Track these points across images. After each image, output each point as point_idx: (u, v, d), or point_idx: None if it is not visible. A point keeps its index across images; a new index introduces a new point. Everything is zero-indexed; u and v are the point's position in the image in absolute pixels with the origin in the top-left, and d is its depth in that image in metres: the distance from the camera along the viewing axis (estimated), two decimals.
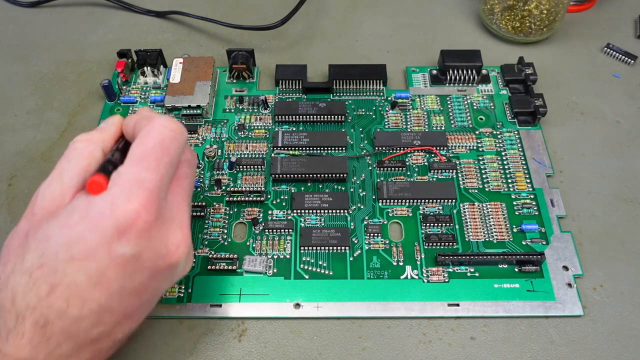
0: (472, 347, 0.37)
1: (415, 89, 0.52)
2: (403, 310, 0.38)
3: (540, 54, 0.55)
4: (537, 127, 0.49)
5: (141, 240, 0.28)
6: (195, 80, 0.49)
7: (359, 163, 0.46)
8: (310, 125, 0.49)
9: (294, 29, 0.58)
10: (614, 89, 0.52)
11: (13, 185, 0.46)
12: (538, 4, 0.52)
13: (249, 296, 0.39)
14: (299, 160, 0.45)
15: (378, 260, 0.41)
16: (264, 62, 0.54)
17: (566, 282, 0.40)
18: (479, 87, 0.52)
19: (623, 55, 0.54)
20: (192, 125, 0.49)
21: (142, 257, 0.29)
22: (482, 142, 0.47)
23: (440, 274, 0.40)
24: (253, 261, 0.40)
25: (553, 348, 0.37)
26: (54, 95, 0.52)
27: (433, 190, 0.43)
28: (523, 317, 0.38)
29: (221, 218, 0.43)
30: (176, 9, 0.59)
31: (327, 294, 0.39)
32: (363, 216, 0.43)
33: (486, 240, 0.42)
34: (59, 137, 0.49)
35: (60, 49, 0.56)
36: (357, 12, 0.60)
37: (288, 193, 0.44)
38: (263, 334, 0.38)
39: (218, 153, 0.47)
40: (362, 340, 0.38)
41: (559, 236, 0.42)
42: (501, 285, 0.40)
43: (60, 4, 0.61)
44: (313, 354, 0.37)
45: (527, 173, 0.45)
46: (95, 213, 0.28)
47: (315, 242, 0.41)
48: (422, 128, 0.49)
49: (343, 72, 0.51)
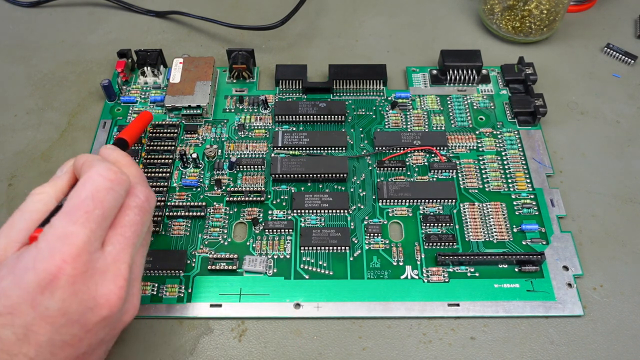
0: (472, 347, 0.37)
1: (415, 89, 0.52)
2: (403, 310, 0.38)
3: (540, 54, 0.55)
4: (537, 127, 0.49)
5: (66, 294, 0.28)
6: (195, 80, 0.49)
7: (359, 163, 0.46)
8: (310, 125, 0.49)
9: (294, 29, 0.58)
10: (614, 89, 0.52)
11: (13, 185, 0.46)
12: (538, 4, 0.52)
13: (249, 296, 0.39)
14: (299, 160, 0.45)
15: (378, 260, 0.41)
16: (264, 62, 0.54)
17: (566, 282, 0.40)
18: (479, 87, 0.52)
19: (623, 55, 0.54)
20: (192, 125, 0.49)
21: (68, 311, 0.28)
22: (482, 142, 0.47)
23: (440, 274, 0.40)
24: (253, 261, 0.40)
25: (553, 348, 0.37)
26: (54, 95, 0.52)
27: (433, 190, 0.43)
28: (523, 317, 0.38)
29: (221, 218, 0.43)
30: (176, 9, 0.59)
31: (327, 294, 0.39)
32: (363, 216, 0.43)
33: (486, 240, 0.42)
34: (59, 137, 0.49)
35: (60, 49, 0.56)
36: (357, 12, 0.60)
37: (288, 193, 0.44)
38: (263, 334, 0.38)
39: (218, 153, 0.47)
40: (362, 340, 0.38)
41: (559, 236, 0.42)
42: (501, 285, 0.40)
43: (60, 4, 0.61)
44: (313, 354, 0.37)
45: (527, 173, 0.45)
46: (20, 267, 0.28)
47: (315, 242, 0.41)
48: (422, 128, 0.49)
49: (343, 72, 0.51)
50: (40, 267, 0.27)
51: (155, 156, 0.46)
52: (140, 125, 0.42)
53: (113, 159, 0.35)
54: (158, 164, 0.46)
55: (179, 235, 0.42)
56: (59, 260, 0.27)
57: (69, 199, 0.30)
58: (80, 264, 0.28)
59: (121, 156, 0.35)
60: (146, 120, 0.43)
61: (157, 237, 0.42)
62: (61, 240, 0.28)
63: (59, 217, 0.29)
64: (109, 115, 0.50)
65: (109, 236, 0.31)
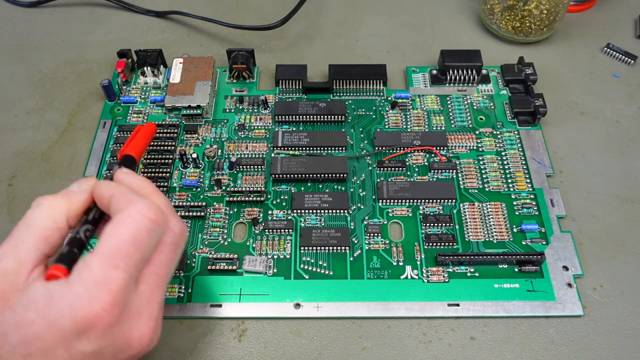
0: (472, 347, 0.37)
1: (415, 89, 0.52)
2: (403, 310, 0.38)
3: (540, 54, 0.55)
4: (537, 127, 0.49)
5: (102, 339, 0.27)
6: (195, 80, 0.49)
7: (359, 163, 0.46)
8: (310, 125, 0.49)
9: (294, 29, 0.58)
10: (614, 89, 0.52)
11: (13, 185, 0.46)
12: (538, 4, 0.52)
13: (249, 296, 0.39)
14: (299, 160, 0.45)
15: (378, 260, 0.41)
16: (264, 62, 0.54)
17: (566, 282, 0.40)
18: (479, 87, 0.52)
19: (623, 55, 0.54)
20: (192, 125, 0.49)
21: (102, 353, 0.28)
22: (482, 142, 0.47)
23: (440, 274, 0.40)
24: (253, 261, 0.40)
25: (553, 348, 0.37)
26: (54, 95, 0.52)
27: (433, 190, 0.43)
28: (523, 317, 0.38)
29: (221, 218, 0.43)
30: (176, 9, 0.59)
31: (327, 294, 0.39)
32: (363, 216, 0.43)
33: (486, 240, 0.42)
34: (59, 137, 0.49)
35: (60, 49, 0.56)
36: (357, 12, 0.60)
37: (288, 193, 0.44)
38: (263, 334, 0.38)
39: (218, 153, 0.47)
40: (362, 340, 0.38)
41: (559, 236, 0.42)
42: (501, 285, 0.40)
43: (60, 4, 0.61)
44: (313, 354, 0.37)
45: (527, 173, 0.45)
46: (55, 313, 0.26)
47: (315, 242, 0.41)
48: (422, 128, 0.49)
49: (343, 72, 0.51)
50: (79, 315, 0.26)
51: (155, 156, 0.46)
52: (145, 139, 0.39)
53: (136, 186, 0.32)
54: (158, 164, 0.46)
55: None
56: (98, 308, 0.27)
57: (108, 238, 0.28)
58: (117, 310, 0.27)
59: (143, 183, 0.32)
60: (151, 133, 0.40)
61: None
62: (100, 286, 0.27)
63: (97, 259, 0.27)
64: (109, 115, 0.50)
65: (143, 274, 0.29)
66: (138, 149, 0.37)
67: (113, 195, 0.30)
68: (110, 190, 0.30)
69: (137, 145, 0.37)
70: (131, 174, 0.33)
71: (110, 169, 0.36)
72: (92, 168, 0.46)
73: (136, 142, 0.37)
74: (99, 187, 0.31)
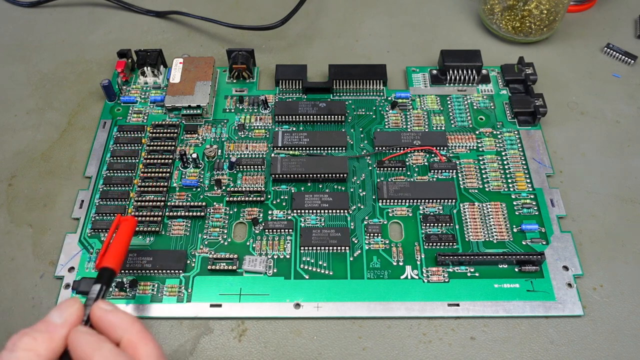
0: (472, 347, 0.37)
1: (415, 89, 0.52)
2: (403, 310, 0.38)
3: (540, 54, 0.55)
4: (537, 127, 0.49)
5: None
6: (195, 80, 0.49)
7: (359, 163, 0.46)
8: (310, 125, 0.49)
9: (294, 29, 0.58)
10: (614, 89, 0.52)
11: (13, 185, 0.46)
12: (538, 4, 0.52)
13: (249, 296, 0.39)
14: (299, 160, 0.45)
15: (378, 260, 0.41)
16: (264, 62, 0.54)
17: (566, 282, 0.40)
18: (479, 87, 0.52)
19: (623, 55, 0.54)
20: (192, 125, 0.49)
21: None
22: (482, 142, 0.47)
23: (440, 274, 0.40)
24: (253, 261, 0.40)
25: (553, 348, 0.37)
26: (54, 95, 0.52)
27: (433, 190, 0.43)
28: (523, 317, 0.38)
29: (221, 218, 0.43)
30: (176, 9, 0.59)
31: (327, 294, 0.39)
32: (363, 216, 0.43)
33: (486, 240, 0.42)
34: (59, 137, 0.49)
35: (60, 49, 0.56)
36: (357, 12, 0.60)
37: (288, 193, 0.44)
38: (263, 334, 0.38)
39: (218, 153, 0.47)
40: (362, 340, 0.38)
41: (559, 236, 0.42)
42: (501, 285, 0.40)
43: (60, 4, 0.61)
44: (313, 354, 0.37)
45: (527, 173, 0.45)
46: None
47: (315, 242, 0.41)
48: (422, 128, 0.49)
49: (343, 72, 0.51)
50: None
51: (155, 156, 0.46)
52: (126, 238, 0.35)
53: (120, 329, 0.28)
54: (158, 164, 0.46)
55: (179, 235, 0.42)
56: None
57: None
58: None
59: (129, 326, 0.28)
60: (131, 229, 0.36)
61: (157, 237, 0.42)
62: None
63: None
64: (109, 115, 0.50)
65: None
66: (117, 257, 0.33)
67: (128, 332, 0.27)
68: (87, 350, 0.27)
69: (117, 253, 0.33)
70: (113, 311, 0.29)
71: (87, 291, 0.33)
72: (92, 168, 0.46)
73: (115, 246, 0.34)
74: (76, 343, 0.27)
